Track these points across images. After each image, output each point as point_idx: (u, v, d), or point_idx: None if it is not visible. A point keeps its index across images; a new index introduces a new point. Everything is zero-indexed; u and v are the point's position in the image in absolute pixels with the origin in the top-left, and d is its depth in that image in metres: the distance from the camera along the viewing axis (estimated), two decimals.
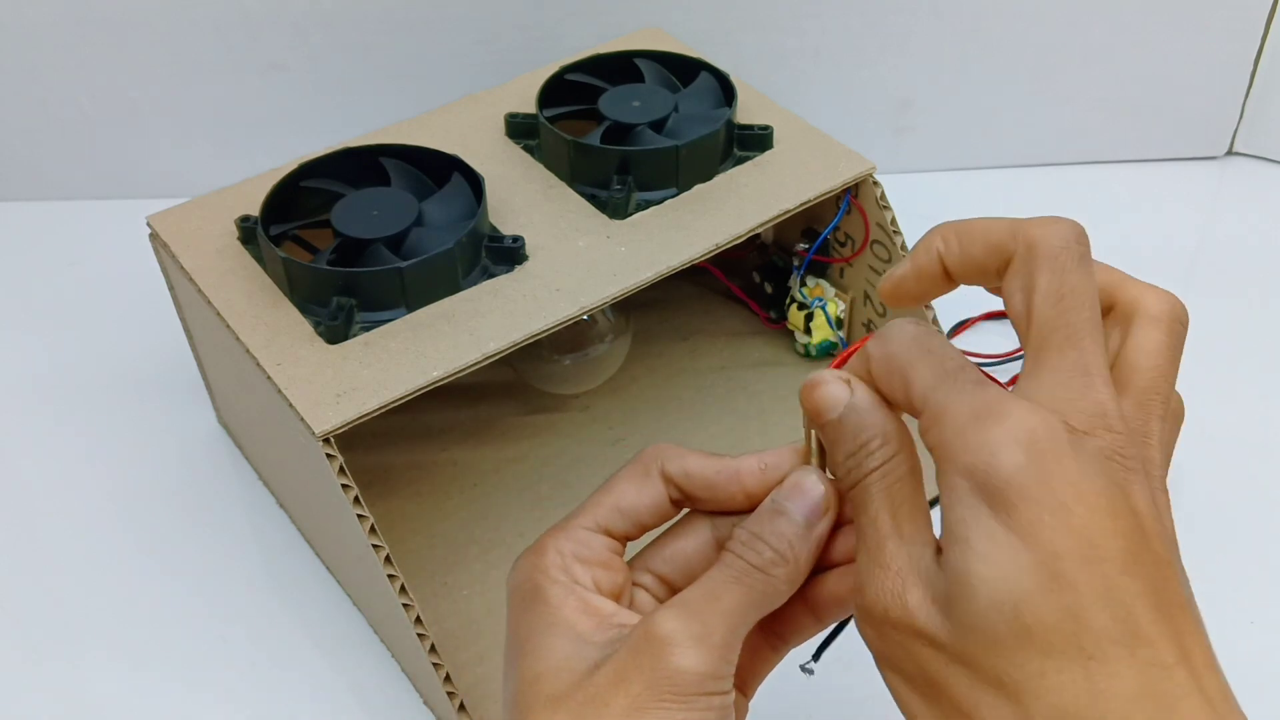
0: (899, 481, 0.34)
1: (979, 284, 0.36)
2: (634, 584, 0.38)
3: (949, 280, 0.37)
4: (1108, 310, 0.36)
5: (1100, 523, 0.30)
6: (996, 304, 0.74)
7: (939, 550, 0.32)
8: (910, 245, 0.63)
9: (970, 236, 0.36)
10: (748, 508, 0.37)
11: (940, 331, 0.34)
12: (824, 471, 0.37)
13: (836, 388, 0.35)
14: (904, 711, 0.33)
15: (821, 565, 0.37)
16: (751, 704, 0.55)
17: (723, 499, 0.38)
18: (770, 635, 0.38)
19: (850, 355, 0.36)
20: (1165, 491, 0.33)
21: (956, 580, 0.30)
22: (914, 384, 0.33)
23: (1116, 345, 0.35)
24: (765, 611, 0.35)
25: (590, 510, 0.38)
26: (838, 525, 0.37)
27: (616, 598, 0.37)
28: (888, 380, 0.34)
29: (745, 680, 0.39)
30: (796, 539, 0.35)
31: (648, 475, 0.38)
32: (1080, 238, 0.35)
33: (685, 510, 0.39)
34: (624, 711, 0.33)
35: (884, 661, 0.33)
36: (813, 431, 0.37)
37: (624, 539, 0.38)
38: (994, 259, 0.35)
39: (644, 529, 0.38)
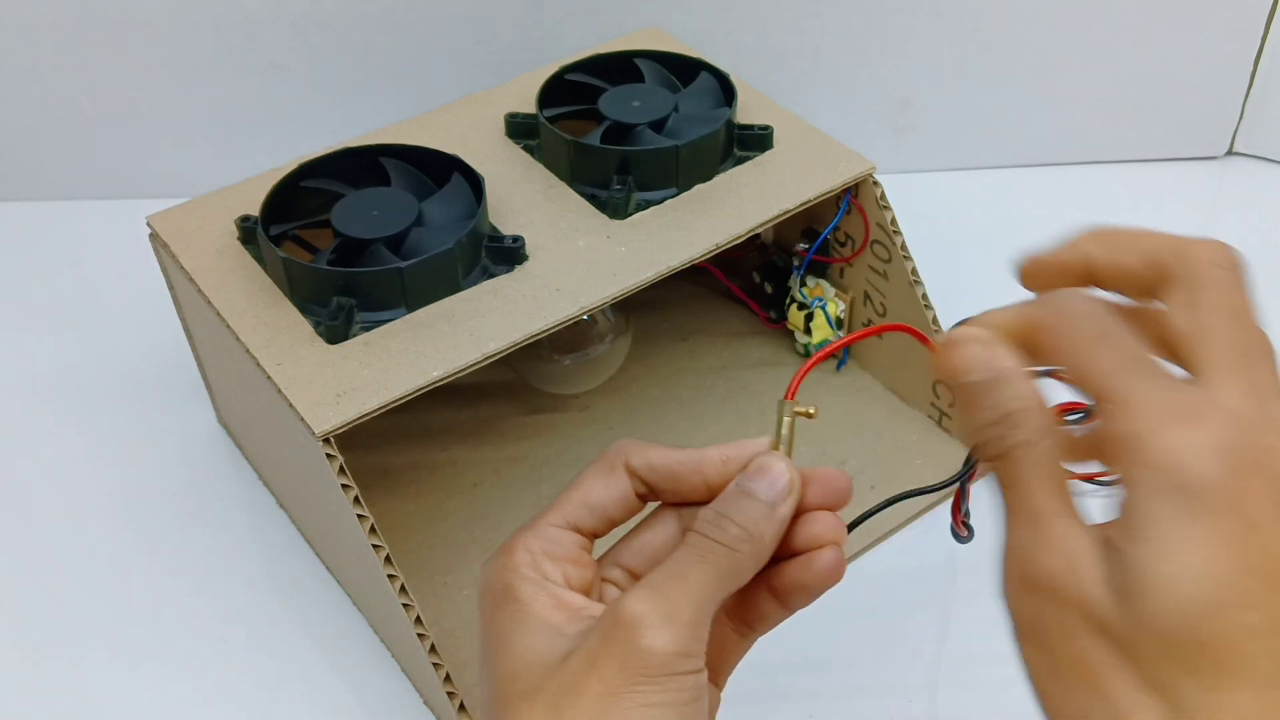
0: (1049, 456, 0.32)
1: (1119, 291, 0.36)
2: (603, 579, 0.39)
3: (1085, 281, 0.36)
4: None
5: None
6: (995, 304, 0.74)
7: (1103, 539, 0.31)
8: (910, 245, 0.63)
9: (1126, 246, 0.35)
10: (709, 498, 0.37)
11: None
12: (790, 458, 0.38)
13: (982, 349, 0.34)
14: (1038, 691, 0.32)
15: (783, 552, 0.37)
16: (754, 703, 0.56)
17: (685, 490, 0.38)
18: (738, 623, 0.39)
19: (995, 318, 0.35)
20: None
21: (1140, 576, 0.29)
22: (1094, 365, 0.32)
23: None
24: (731, 589, 0.35)
25: (559, 508, 0.38)
26: (799, 512, 0.37)
27: (586, 593, 0.37)
28: (1056, 353, 0.33)
29: (715, 670, 0.39)
30: (762, 518, 0.36)
31: (613, 470, 0.38)
32: (1239, 261, 0.35)
33: (652, 506, 0.40)
34: (598, 696, 0.33)
35: (1032, 640, 0.32)
36: (786, 419, 0.38)
37: (592, 535, 0.39)
38: (1150, 272, 0.34)
39: (612, 524, 0.39)
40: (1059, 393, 0.34)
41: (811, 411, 0.38)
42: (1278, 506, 0.29)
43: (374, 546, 0.49)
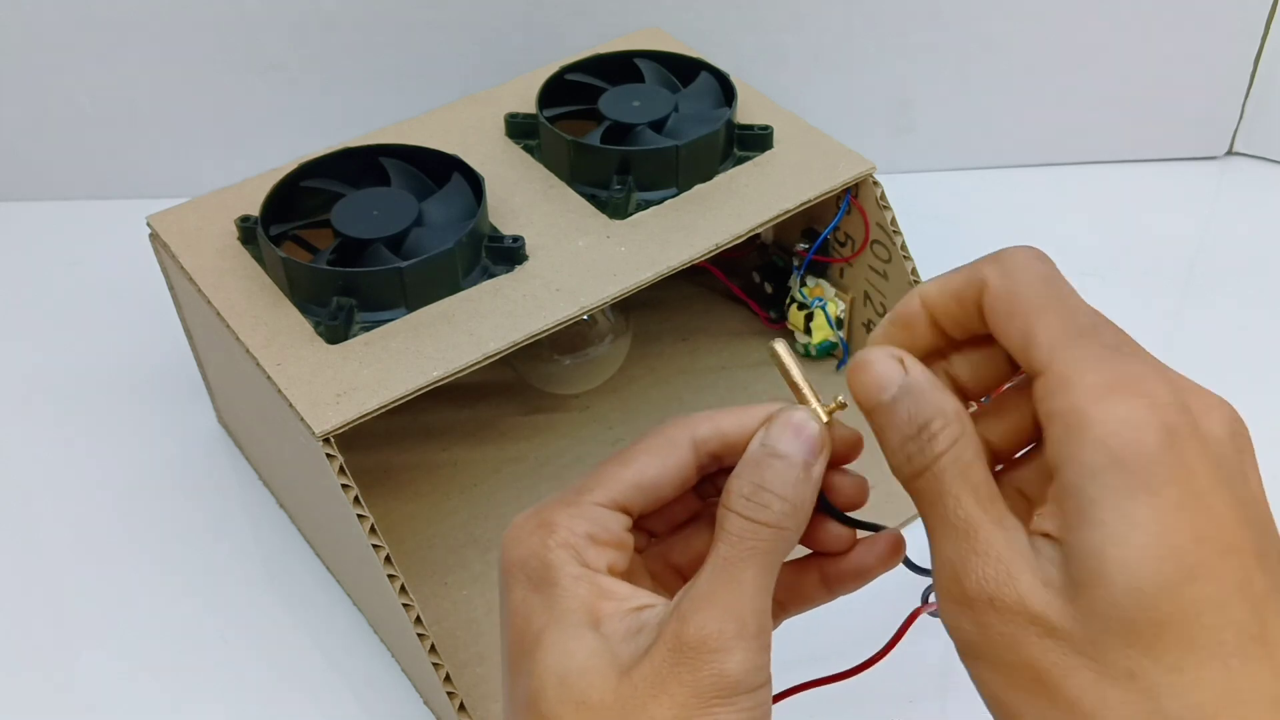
0: (972, 463, 0.31)
1: (965, 327, 0.34)
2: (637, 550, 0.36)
3: (928, 325, 0.34)
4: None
5: (1233, 513, 0.28)
6: None
7: (1032, 532, 0.30)
8: (910, 245, 0.63)
9: (941, 280, 0.34)
10: None
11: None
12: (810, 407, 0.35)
13: (888, 366, 0.32)
14: (998, 710, 0.31)
15: (821, 530, 0.36)
16: None
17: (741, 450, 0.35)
18: (774, 606, 0.36)
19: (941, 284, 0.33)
20: None
21: (1087, 563, 0.28)
22: (1038, 333, 0.30)
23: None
24: (778, 570, 0.33)
25: (606, 484, 0.35)
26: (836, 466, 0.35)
27: (628, 577, 0.35)
28: (1005, 320, 0.31)
29: None
30: (799, 481, 0.33)
31: (673, 445, 0.35)
32: (1040, 254, 0.33)
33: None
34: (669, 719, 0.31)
35: (979, 656, 0.31)
36: (789, 364, 0.35)
37: (639, 517, 0.35)
38: (969, 288, 0.33)
39: (663, 505, 0.36)
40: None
41: (841, 400, 0.35)
42: (1215, 471, 0.28)
43: (374, 546, 0.49)
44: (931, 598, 0.54)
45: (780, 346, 0.35)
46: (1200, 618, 0.27)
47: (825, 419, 0.35)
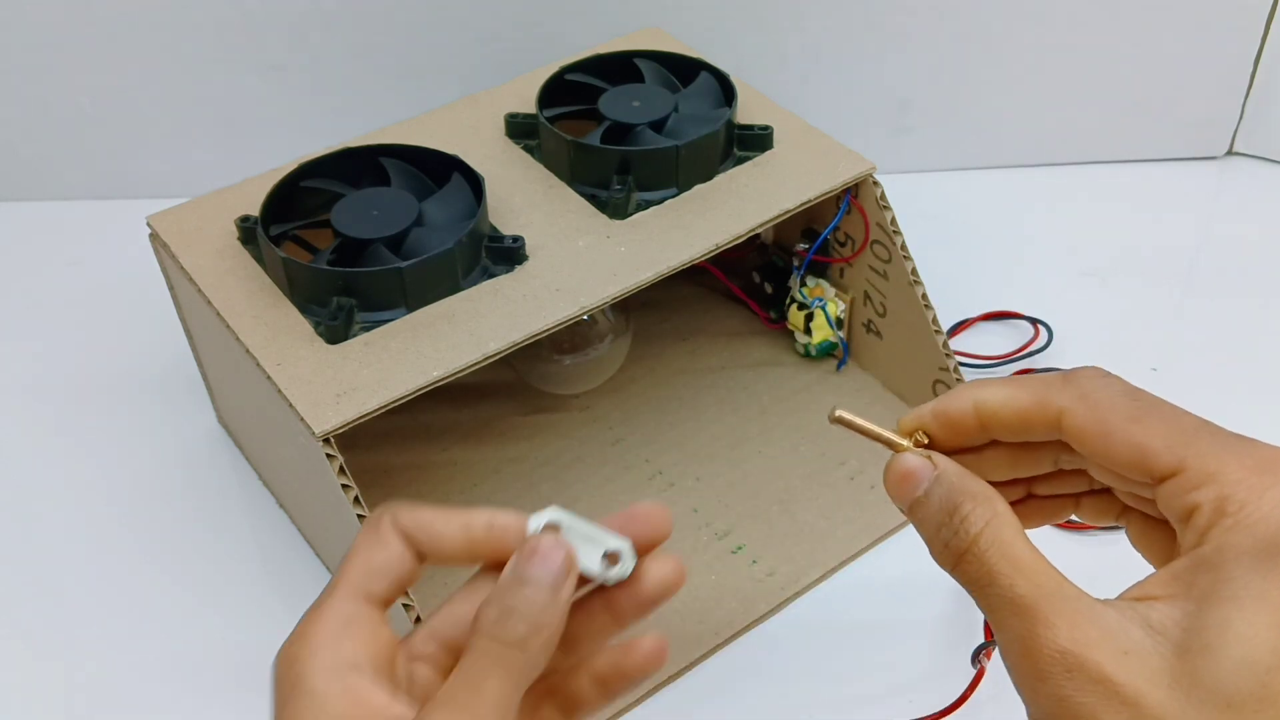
0: (1013, 539, 0.32)
1: (1020, 438, 0.36)
2: (414, 657, 0.36)
3: (980, 430, 0.36)
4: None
5: None
6: (996, 305, 0.75)
7: (1128, 598, 0.31)
8: (910, 245, 0.63)
9: (1003, 394, 0.35)
10: (472, 562, 0.36)
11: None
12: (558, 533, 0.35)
13: (918, 464, 0.34)
14: None
15: (575, 634, 0.36)
16: (755, 702, 0.56)
17: (450, 552, 0.36)
18: (558, 704, 0.37)
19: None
20: None
21: (1206, 634, 0.29)
22: (1152, 442, 0.32)
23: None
24: (529, 682, 0.33)
25: (344, 581, 0.36)
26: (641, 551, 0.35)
27: (389, 668, 0.35)
28: (1102, 440, 0.33)
29: None
30: (545, 605, 0.33)
31: (377, 532, 0.36)
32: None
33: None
34: None
35: None
36: (878, 433, 0.36)
37: (384, 603, 0.36)
38: (1041, 412, 0.35)
39: (402, 586, 0.36)
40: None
41: (923, 436, 0.37)
42: None
43: None
44: (982, 657, 0.54)
45: (843, 412, 0.36)
46: None
47: (912, 449, 0.36)
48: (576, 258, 0.57)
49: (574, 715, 0.37)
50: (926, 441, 0.36)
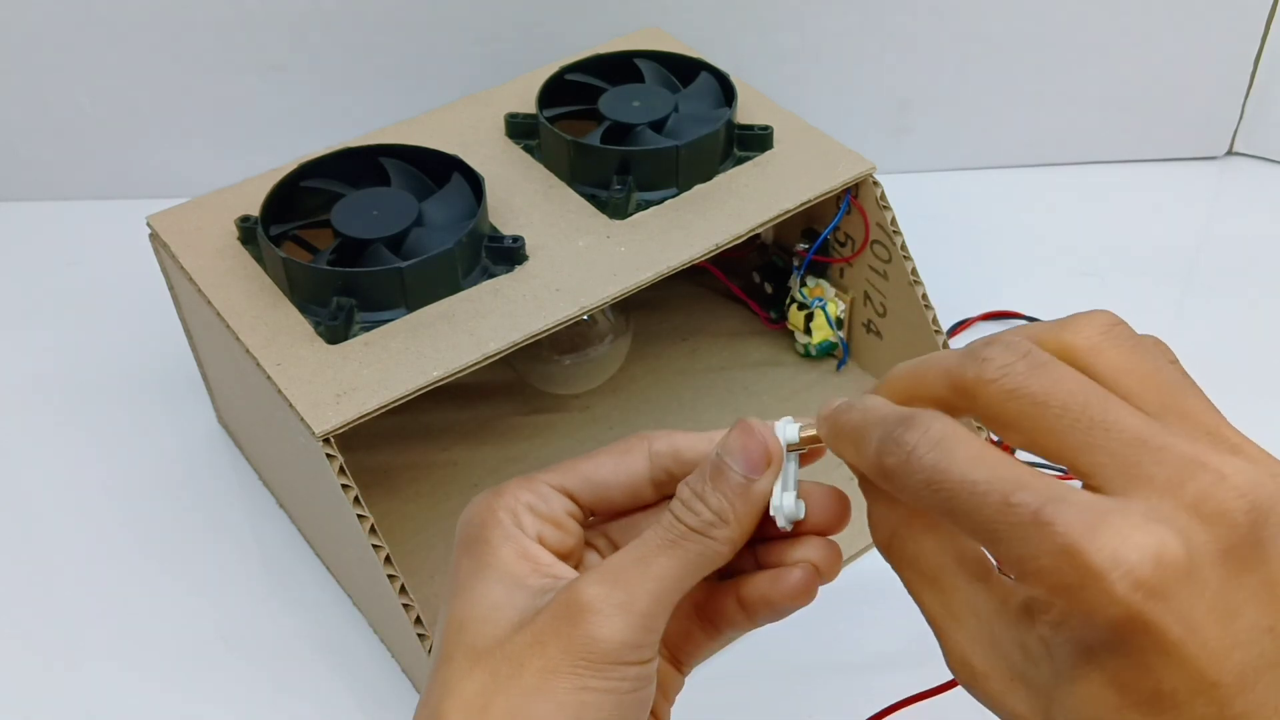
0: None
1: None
2: (589, 545, 0.37)
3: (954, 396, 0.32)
4: None
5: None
6: (996, 305, 0.75)
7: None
8: (910, 245, 0.63)
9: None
10: None
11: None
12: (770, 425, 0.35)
13: (831, 404, 0.33)
14: None
15: (767, 564, 0.36)
16: (755, 701, 0.56)
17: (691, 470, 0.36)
18: (704, 622, 0.37)
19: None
20: None
21: (1058, 705, 0.28)
22: (969, 530, 0.28)
23: None
24: (702, 575, 0.34)
25: (560, 470, 0.37)
26: (798, 533, 0.35)
27: (565, 558, 0.36)
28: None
29: (678, 657, 0.38)
30: (736, 497, 0.33)
31: (628, 452, 0.37)
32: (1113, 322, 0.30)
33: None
34: (538, 672, 0.32)
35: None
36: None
37: (588, 510, 0.37)
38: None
39: (613, 508, 0.37)
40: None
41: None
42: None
43: (374, 546, 0.49)
44: None
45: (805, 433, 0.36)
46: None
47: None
48: (576, 258, 0.57)
49: (720, 632, 0.37)
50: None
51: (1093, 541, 0.25)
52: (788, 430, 0.35)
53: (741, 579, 0.36)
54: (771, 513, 0.34)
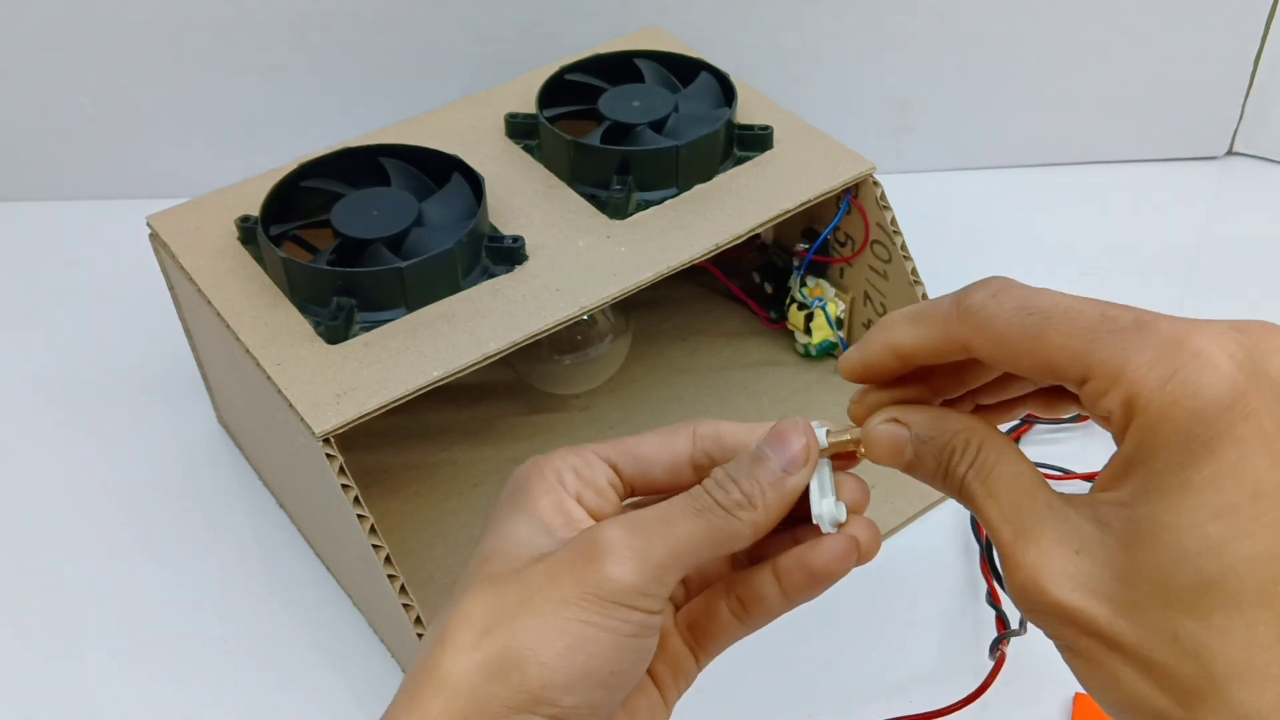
0: (999, 457, 0.32)
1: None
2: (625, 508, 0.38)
3: (901, 367, 0.35)
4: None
5: None
6: None
7: (1086, 521, 0.31)
8: (910, 245, 0.63)
9: (915, 332, 0.34)
10: None
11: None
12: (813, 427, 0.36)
13: (890, 431, 0.35)
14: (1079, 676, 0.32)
15: (793, 536, 0.37)
16: (753, 699, 0.56)
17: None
18: (733, 601, 0.38)
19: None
20: None
21: (1140, 534, 0.29)
22: (1055, 354, 0.30)
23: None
24: (721, 551, 0.35)
25: (607, 443, 0.38)
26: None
27: (597, 519, 0.37)
28: (1011, 355, 0.31)
29: (700, 639, 0.38)
30: (769, 485, 0.35)
31: (675, 434, 0.38)
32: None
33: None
34: (546, 600, 0.33)
35: (1056, 646, 0.32)
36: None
37: (629, 484, 0.38)
38: (949, 345, 0.33)
39: (653, 485, 0.38)
40: None
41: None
42: (1276, 416, 0.28)
43: (374, 546, 0.49)
44: (1001, 646, 0.54)
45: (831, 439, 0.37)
46: (1248, 575, 0.27)
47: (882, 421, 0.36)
48: (576, 258, 0.57)
49: (749, 613, 0.38)
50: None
51: (1191, 335, 0.28)
52: (820, 434, 0.36)
53: (775, 550, 0.37)
54: (814, 520, 0.36)
